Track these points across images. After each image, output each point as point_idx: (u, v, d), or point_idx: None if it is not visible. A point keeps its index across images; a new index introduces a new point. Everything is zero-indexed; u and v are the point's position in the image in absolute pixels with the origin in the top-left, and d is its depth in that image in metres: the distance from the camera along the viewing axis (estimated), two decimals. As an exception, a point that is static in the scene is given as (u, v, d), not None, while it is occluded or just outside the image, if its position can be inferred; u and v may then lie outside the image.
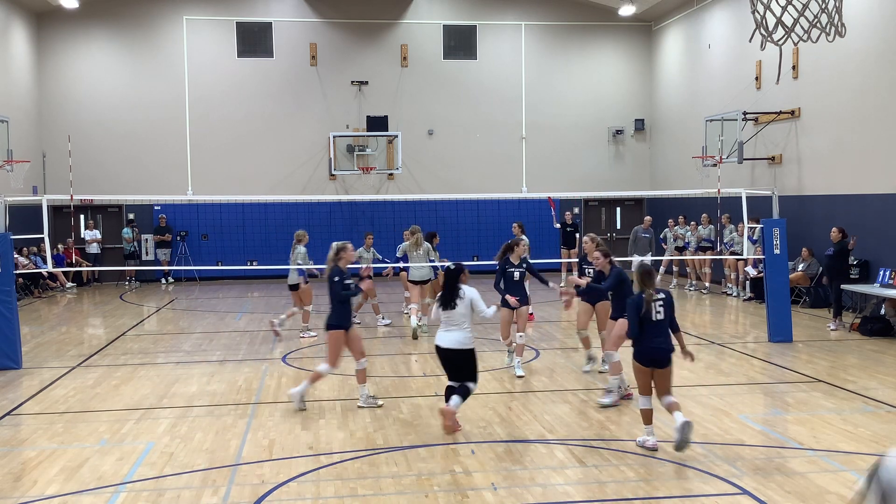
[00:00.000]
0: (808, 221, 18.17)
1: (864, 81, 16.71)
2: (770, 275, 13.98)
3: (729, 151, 19.91)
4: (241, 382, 11.33)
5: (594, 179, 25.92)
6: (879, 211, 16.26)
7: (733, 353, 13.07)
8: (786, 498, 6.81)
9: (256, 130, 25.21)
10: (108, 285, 24.03)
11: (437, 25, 25.93)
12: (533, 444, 8.39)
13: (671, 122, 25.67)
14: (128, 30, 24.92)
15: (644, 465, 7.69)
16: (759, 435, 8.60)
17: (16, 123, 21.08)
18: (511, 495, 6.96)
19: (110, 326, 16.65)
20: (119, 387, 11.17)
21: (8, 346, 12.28)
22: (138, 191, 23.59)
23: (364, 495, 7.01)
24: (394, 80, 25.73)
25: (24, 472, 7.73)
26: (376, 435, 8.75)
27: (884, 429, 8.73)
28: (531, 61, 26.34)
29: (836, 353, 12.87)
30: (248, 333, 15.46)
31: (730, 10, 21.82)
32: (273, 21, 25.36)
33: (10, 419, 9.66)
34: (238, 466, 7.82)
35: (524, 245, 12.01)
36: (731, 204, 19.01)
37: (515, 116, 26.31)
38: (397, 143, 23.90)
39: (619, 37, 26.78)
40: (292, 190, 24.71)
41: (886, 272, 15.14)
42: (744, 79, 21.00)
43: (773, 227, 13.83)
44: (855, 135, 17.07)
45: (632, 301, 8.13)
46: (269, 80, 25.33)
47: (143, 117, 24.89)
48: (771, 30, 12.06)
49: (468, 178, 25.36)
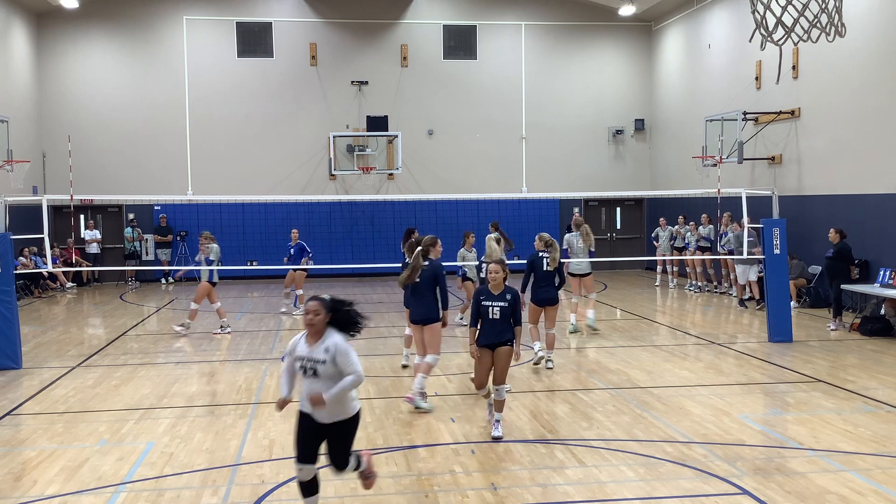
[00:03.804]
0: (808, 221, 18.16)
1: (864, 81, 16.71)
2: (770, 275, 13.98)
3: (729, 151, 19.92)
4: (241, 382, 11.33)
5: (594, 179, 25.93)
6: (879, 211, 16.26)
7: (733, 353, 13.07)
8: (786, 498, 6.81)
9: (256, 130, 25.22)
10: (108, 285, 24.03)
11: (437, 25, 25.93)
12: (533, 444, 8.39)
13: (671, 122, 25.67)
14: (128, 30, 24.93)
15: (644, 465, 7.69)
16: (759, 435, 8.59)
17: (16, 123, 21.09)
18: (511, 495, 6.96)
19: (110, 326, 16.65)
20: (119, 387, 11.17)
21: (8, 346, 12.28)
22: (138, 191, 23.60)
23: (364, 495, 7.01)
24: (394, 80, 25.73)
25: (24, 472, 7.72)
26: (376, 435, 8.75)
27: (884, 429, 8.73)
28: (531, 61, 26.34)
29: (836, 353, 12.86)
30: (248, 333, 15.46)
31: (730, 10, 21.82)
32: (273, 21, 25.36)
33: (10, 419, 9.66)
34: (238, 466, 7.82)
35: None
36: (731, 204, 19.01)
37: (515, 116, 26.31)
38: (397, 143, 23.90)
39: (619, 37, 26.78)
40: (292, 190, 24.71)
41: (886, 272, 15.14)
42: (744, 79, 21.00)
43: (773, 227, 13.82)
44: (855, 135, 17.07)
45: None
46: (269, 80, 25.33)
47: (143, 117, 24.89)
48: (771, 30, 12.06)
49: (468, 178, 25.36)
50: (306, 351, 6.06)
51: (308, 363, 6.02)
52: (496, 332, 8.52)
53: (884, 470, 7.46)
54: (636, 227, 27.37)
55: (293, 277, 17.70)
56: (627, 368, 11.91)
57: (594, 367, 12.16)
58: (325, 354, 5.97)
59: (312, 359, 6.01)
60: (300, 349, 6.10)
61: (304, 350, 6.08)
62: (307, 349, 6.05)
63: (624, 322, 15.59)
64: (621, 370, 11.80)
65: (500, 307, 8.49)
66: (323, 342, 6.01)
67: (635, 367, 11.94)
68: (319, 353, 5.99)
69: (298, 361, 6.10)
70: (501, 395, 8.56)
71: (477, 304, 8.63)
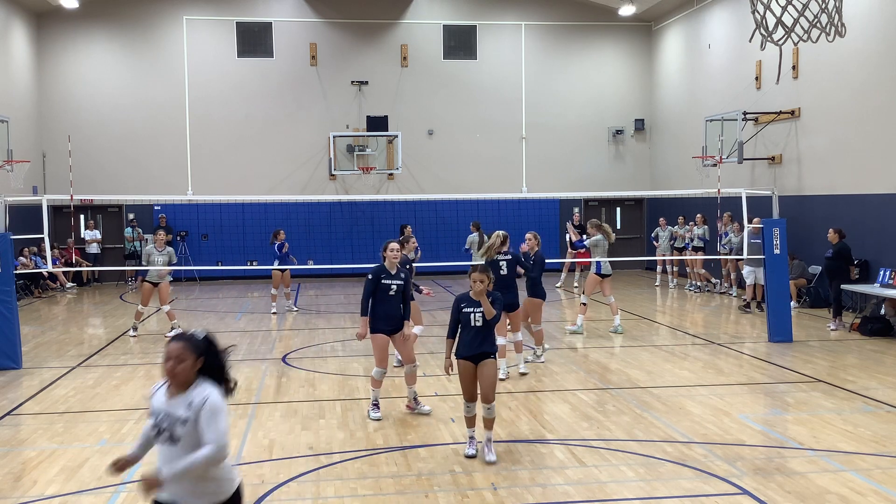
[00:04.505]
0: (808, 221, 18.16)
1: (864, 81, 16.72)
2: (770, 275, 13.98)
3: (729, 151, 19.92)
4: (241, 382, 11.31)
5: (594, 179, 25.93)
6: (879, 211, 16.26)
7: (733, 353, 13.07)
8: (786, 498, 6.81)
9: (256, 130, 25.22)
10: (108, 285, 24.03)
11: (437, 25, 25.93)
12: (533, 444, 8.39)
13: (671, 122, 25.67)
14: (128, 30, 24.93)
15: (644, 465, 7.69)
16: (759, 435, 8.60)
17: (16, 123, 21.09)
18: (511, 495, 6.96)
19: (110, 326, 16.65)
20: (119, 387, 11.17)
21: (8, 346, 12.28)
22: (138, 191, 23.59)
23: (364, 495, 7.01)
24: (394, 80, 25.73)
25: (24, 472, 7.73)
26: (376, 435, 8.75)
27: (884, 429, 8.73)
28: (531, 61, 26.34)
29: (836, 353, 12.86)
30: (248, 333, 15.46)
31: (730, 10, 21.82)
32: (273, 21, 25.36)
33: (10, 419, 9.66)
34: (238, 466, 7.81)
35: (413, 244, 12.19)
36: (731, 204, 19.01)
37: (515, 116, 26.31)
38: (397, 143, 23.90)
39: (619, 37, 26.78)
40: (292, 190, 24.72)
41: (886, 272, 15.14)
42: (744, 79, 21.00)
43: (773, 227, 13.82)
44: (855, 135, 17.07)
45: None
46: (269, 80, 25.33)
47: (143, 117, 24.89)
48: (771, 30, 12.06)
49: (468, 178, 25.36)
50: (164, 404, 4.37)
51: (164, 421, 4.33)
52: (478, 343, 7.75)
53: (884, 470, 7.46)
54: (636, 228, 27.37)
55: (279, 277, 17.72)
56: (627, 368, 11.92)
57: (594, 367, 12.16)
58: (187, 411, 4.28)
59: (171, 415, 4.31)
60: (156, 401, 4.41)
61: (162, 402, 4.38)
62: (165, 401, 4.37)
63: (624, 322, 15.59)
64: (621, 370, 11.80)
65: (482, 313, 7.73)
66: (189, 395, 4.32)
67: (635, 367, 11.95)
68: (181, 409, 4.29)
69: (152, 418, 4.40)
70: (492, 413, 7.83)
71: (457, 311, 7.83)
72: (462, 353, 7.82)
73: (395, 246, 9.25)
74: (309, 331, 15.71)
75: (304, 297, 21.02)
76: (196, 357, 4.33)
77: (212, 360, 4.40)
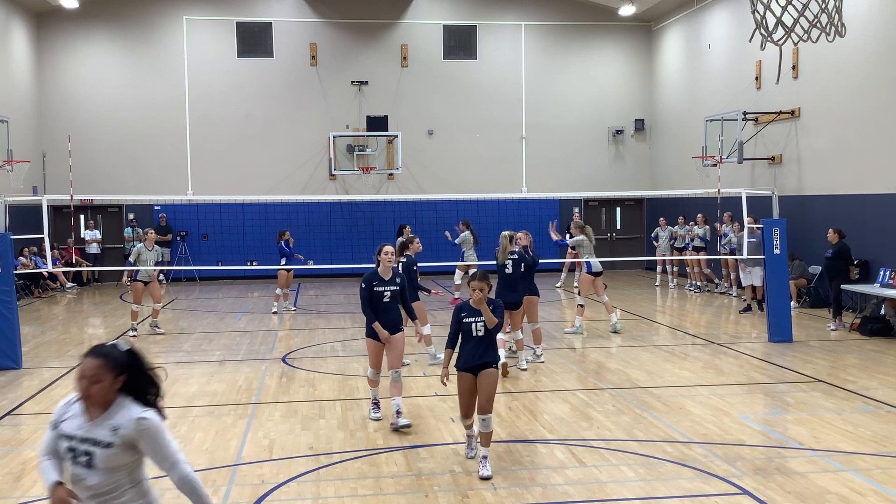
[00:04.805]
0: (808, 221, 18.16)
1: (864, 81, 16.71)
2: (770, 275, 13.98)
3: (729, 151, 19.91)
4: (241, 382, 11.32)
5: (594, 179, 25.93)
6: (879, 211, 16.26)
7: (733, 353, 13.07)
8: (786, 498, 6.81)
9: (256, 130, 25.21)
10: (108, 285, 24.02)
11: (437, 25, 25.93)
12: (533, 444, 8.39)
13: (671, 122, 25.67)
14: (128, 30, 24.92)
15: (644, 465, 7.70)
16: (759, 435, 8.60)
17: (16, 123, 21.08)
18: (511, 495, 6.96)
19: (110, 326, 16.65)
20: (119, 387, 11.14)
21: (8, 346, 12.28)
22: (138, 191, 23.59)
23: (364, 495, 7.01)
24: (394, 80, 25.73)
25: (24, 472, 7.72)
26: (376, 435, 8.75)
27: (884, 429, 8.73)
28: (531, 61, 26.34)
29: (836, 353, 12.87)
30: (248, 333, 15.46)
31: (730, 10, 21.81)
32: (273, 21, 25.36)
33: (10, 419, 9.66)
34: (238, 466, 7.82)
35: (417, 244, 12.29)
36: (731, 204, 19.00)
37: (515, 116, 26.31)
38: (397, 143, 23.90)
39: (619, 37, 26.78)
40: (292, 190, 24.71)
41: (886, 272, 15.14)
42: (744, 79, 21.00)
43: (773, 228, 13.82)
44: (855, 135, 17.07)
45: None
46: (269, 80, 25.33)
47: (143, 117, 24.89)
48: (771, 30, 12.06)
49: (468, 178, 25.36)
50: (81, 427, 3.91)
51: (80, 445, 3.89)
52: (479, 353, 7.41)
53: (884, 470, 7.46)
54: (636, 228, 27.37)
55: (285, 277, 17.71)
56: (627, 368, 11.92)
57: (594, 367, 12.17)
58: (112, 435, 3.87)
59: (90, 439, 3.88)
60: (69, 424, 3.94)
61: (78, 426, 3.92)
62: (83, 424, 3.92)
63: (624, 322, 15.60)
64: (621, 370, 11.80)
65: (483, 322, 7.39)
66: (110, 416, 3.90)
67: (635, 367, 11.95)
68: (102, 432, 3.88)
69: (65, 441, 3.93)
70: (488, 426, 7.41)
71: (458, 321, 7.48)
72: (463, 365, 7.49)
73: (389, 249, 8.87)
74: (309, 331, 15.71)
75: (304, 297, 21.03)
76: (115, 375, 3.91)
77: (135, 378, 4.00)
